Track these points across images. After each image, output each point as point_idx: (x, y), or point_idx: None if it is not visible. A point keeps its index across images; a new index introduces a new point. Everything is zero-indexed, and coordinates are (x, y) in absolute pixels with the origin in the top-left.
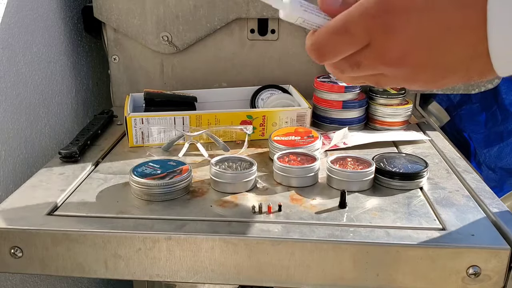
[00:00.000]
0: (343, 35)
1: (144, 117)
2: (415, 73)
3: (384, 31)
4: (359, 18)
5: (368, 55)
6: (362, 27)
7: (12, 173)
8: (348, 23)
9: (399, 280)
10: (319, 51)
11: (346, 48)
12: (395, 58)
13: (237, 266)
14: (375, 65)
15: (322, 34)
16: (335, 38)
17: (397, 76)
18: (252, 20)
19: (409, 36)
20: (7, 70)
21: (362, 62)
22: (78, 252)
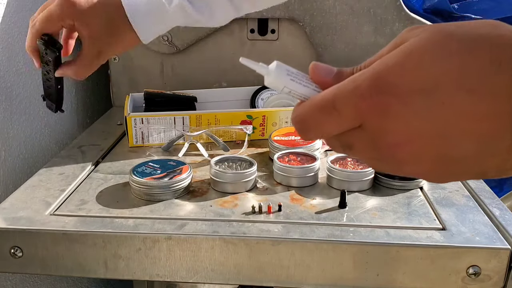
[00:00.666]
0: (329, 113)
1: (144, 117)
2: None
3: (378, 114)
4: (349, 97)
5: (360, 138)
6: (351, 108)
7: (12, 173)
8: (336, 101)
9: (399, 280)
10: (302, 126)
11: (333, 128)
12: (390, 146)
13: (237, 266)
14: (368, 150)
15: (306, 108)
16: (320, 115)
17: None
18: (252, 20)
19: (408, 123)
20: (7, 70)
21: (354, 145)
22: (78, 252)
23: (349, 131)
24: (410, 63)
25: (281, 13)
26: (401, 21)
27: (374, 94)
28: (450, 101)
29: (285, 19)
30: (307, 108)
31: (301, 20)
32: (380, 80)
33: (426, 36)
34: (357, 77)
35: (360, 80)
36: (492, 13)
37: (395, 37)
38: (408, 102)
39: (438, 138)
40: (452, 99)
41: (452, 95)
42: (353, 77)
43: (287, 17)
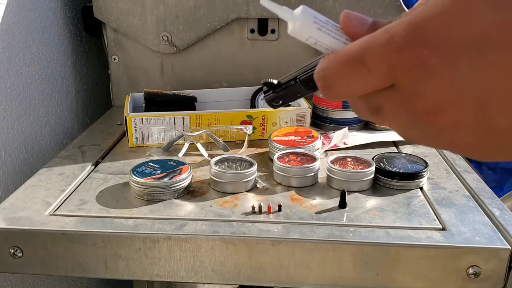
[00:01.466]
0: (357, 68)
1: (144, 117)
2: (456, 135)
3: (414, 72)
4: (380, 50)
5: (392, 100)
6: (383, 62)
7: (12, 173)
8: (365, 54)
9: (399, 280)
10: (325, 83)
11: (360, 86)
12: (428, 111)
13: (237, 266)
14: (400, 115)
15: (330, 61)
16: (345, 70)
17: (429, 135)
18: (252, 20)
19: (451, 84)
20: (7, 70)
21: (383, 107)
22: (78, 252)
23: (379, 91)
24: (456, 12)
25: None
26: None
27: (411, 46)
28: (504, 60)
29: None
30: (331, 61)
31: None
32: (419, 31)
33: None
34: (391, 26)
35: (395, 30)
36: None
37: None
38: (452, 59)
39: (487, 104)
40: (506, 57)
41: (507, 53)
42: (386, 27)
43: None
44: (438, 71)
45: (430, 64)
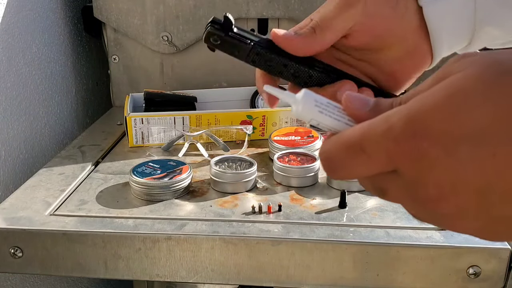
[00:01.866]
0: (357, 155)
1: (144, 117)
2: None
3: (414, 163)
4: (379, 139)
5: (395, 185)
6: (382, 152)
7: (12, 173)
8: (365, 143)
9: (399, 280)
10: (329, 165)
11: (361, 171)
12: (432, 199)
13: (237, 266)
14: (405, 199)
15: (332, 145)
16: (347, 156)
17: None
18: (252, 20)
19: (452, 174)
20: (7, 70)
21: (388, 190)
22: (78, 252)
23: (383, 174)
24: (453, 106)
25: (281, 13)
26: None
27: (410, 138)
28: (503, 151)
29: (285, 19)
30: (332, 145)
31: (301, 20)
32: (416, 123)
33: (473, 72)
34: (390, 115)
35: (394, 120)
36: None
37: None
38: (451, 151)
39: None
40: (505, 149)
41: (505, 145)
42: (386, 115)
43: (287, 17)
44: (439, 162)
45: (430, 155)
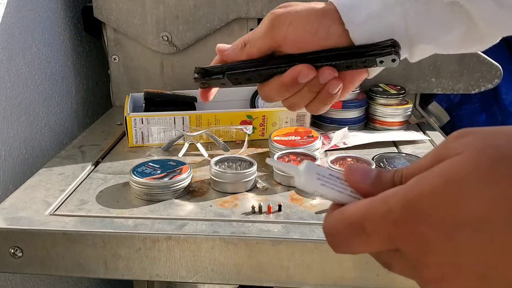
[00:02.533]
0: (359, 234)
1: (144, 117)
2: None
3: (415, 245)
4: (379, 221)
5: (399, 261)
6: (382, 232)
7: (12, 173)
8: (366, 223)
9: (399, 280)
10: (332, 240)
11: (363, 248)
12: (433, 279)
13: (237, 266)
14: (410, 275)
15: (335, 221)
16: (349, 233)
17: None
18: (252, 20)
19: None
20: (7, 70)
21: (393, 265)
22: (78, 252)
23: (386, 251)
24: (449, 192)
25: None
26: None
27: (408, 222)
28: (501, 238)
29: None
30: (336, 223)
31: None
32: (414, 208)
33: (468, 157)
34: (389, 197)
35: (393, 203)
36: None
37: None
38: (450, 236)
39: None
40: (502, 235)
41: (502, 231)
42: (385, 196)
43: None
44: (438, 245)
45: (429, 239)
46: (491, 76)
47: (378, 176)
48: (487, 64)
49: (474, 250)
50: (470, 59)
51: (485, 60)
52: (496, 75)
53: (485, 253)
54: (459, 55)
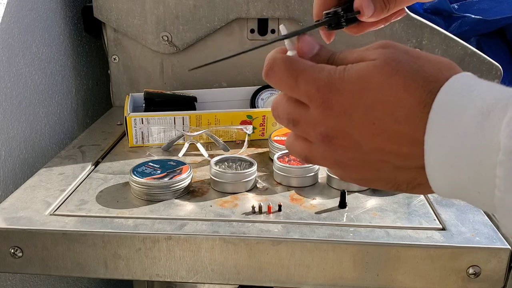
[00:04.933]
0: (291, 79)
1: (144, 117)
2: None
3: (322, 106)
4: (310, 81)
5: (305, 118)
6: (307, 89)
7: (12, 173)
8: (300, 76)
9: (399, 280)
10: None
11: (288, 90)
12: (324, 133)
13: (237, 266)
14: (308, 131)
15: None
16: (285, 72)
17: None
18: (252, 20)
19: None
20: (7, 70)
21: (300, 122)
22: (78, 252)
23: (299, 106)
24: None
25: (281, 13)
26: (401, 21)
27: (327, 92)
28: (380, 124)
29: (285, 19)
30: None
31: (301, 20)
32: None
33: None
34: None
35: (323, 77)
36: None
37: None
38: (348, 112)
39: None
40: (382, 122)
41: (383, 119)
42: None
43: (287, 17)
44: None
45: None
46: (491, 76)
47: (319, 53)
48: (487, 64)
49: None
50: (470, 59)
51: (485, 60)
52: (496, 75)
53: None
54: (459, 55)
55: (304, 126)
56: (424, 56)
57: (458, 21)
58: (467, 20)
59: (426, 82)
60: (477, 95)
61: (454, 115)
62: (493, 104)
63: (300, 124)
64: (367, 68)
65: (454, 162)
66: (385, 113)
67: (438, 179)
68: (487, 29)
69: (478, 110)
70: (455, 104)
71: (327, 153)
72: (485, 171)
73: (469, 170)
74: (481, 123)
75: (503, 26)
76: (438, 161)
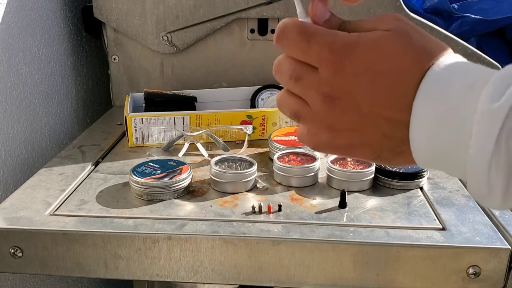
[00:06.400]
0: (304, 42)
1: (144, 117)
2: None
3: (332, 67)
4: (323, 44)
5: (310, 77)
6: (320, 52)
7: (12, 173)
8: (314, 39)
9: (399, 280)
10: (281, 31)
11: (299, 52)
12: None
13: (237, 266)
14: (309, 90)
15: (294, 22)
16: (297, 36)
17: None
18: (252, 20)
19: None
20: (7, 70)
21: (302, 79)
22: (78, 252)
23: (306, 66)
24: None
25: (281, 13)
26: None
27: (341, 55)
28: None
29: None
30: (294, 23)
31: None
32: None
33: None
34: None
35: (337, 41)
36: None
37: None
38: (358, 75)
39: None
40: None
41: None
42: (336, 32)
43: (287, 17)
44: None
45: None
46: None
47: (330, 19)
48: (487, 64)
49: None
50: (470, 59)
51: (485, 60)
52: None
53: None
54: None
55: (306, 83)
56: (427, 35)
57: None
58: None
59: (429, 57)
60: (465, 71)
61: (443, 85)
62: (478, 78)
63: (302, 81)
64: (383, 36)
65: (439, 126)
66: (392, 80)
67: (420, 143)
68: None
69: (465, 83)
70: (445, 76)
71: (322, 114)
72: (464, 135)
73: (451, 135)
74: (466, 93)
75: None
76: (423, 125)
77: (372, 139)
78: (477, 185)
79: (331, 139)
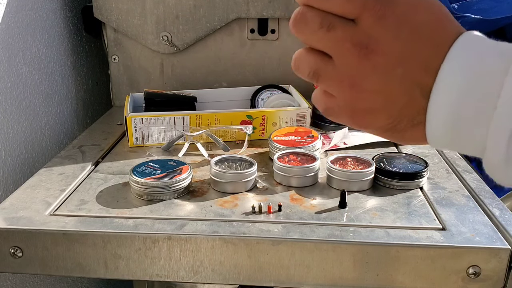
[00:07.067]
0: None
1: (144, 117)
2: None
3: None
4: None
5: (345, 27)
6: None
7: (12, 173)
8: None
9: (399, 280)
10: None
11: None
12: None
13: (237, 266)
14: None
15: None
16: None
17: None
18: (252, 20)
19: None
20: (7, 70)
21: (336, 28)
22: (78, 252)
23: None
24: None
25: (281, 13)
26: None
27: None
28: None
29: (285, 19)
30: None
31: None
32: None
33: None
34: None
35: None
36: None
37: None
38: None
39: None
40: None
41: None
42: None
43: (287, 17)
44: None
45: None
46: None
47: None
48: None
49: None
50: None
51: None
52: None
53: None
54: None
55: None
56: None
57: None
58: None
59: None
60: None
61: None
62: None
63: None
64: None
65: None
66: (428, 35)
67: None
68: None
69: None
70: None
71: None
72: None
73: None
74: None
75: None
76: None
77: (395, 105)
78: (497, 153)
79: (349, 101)
